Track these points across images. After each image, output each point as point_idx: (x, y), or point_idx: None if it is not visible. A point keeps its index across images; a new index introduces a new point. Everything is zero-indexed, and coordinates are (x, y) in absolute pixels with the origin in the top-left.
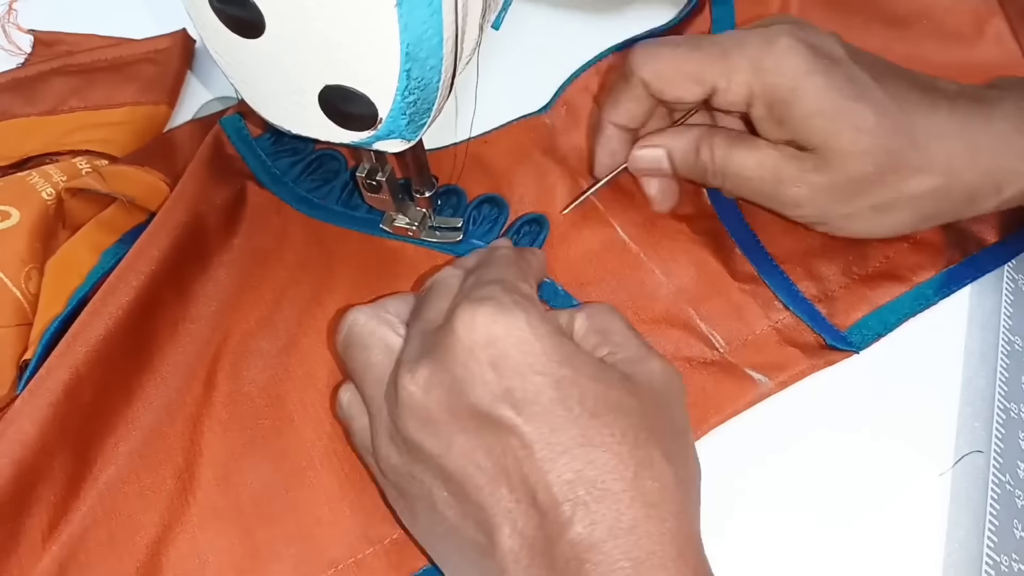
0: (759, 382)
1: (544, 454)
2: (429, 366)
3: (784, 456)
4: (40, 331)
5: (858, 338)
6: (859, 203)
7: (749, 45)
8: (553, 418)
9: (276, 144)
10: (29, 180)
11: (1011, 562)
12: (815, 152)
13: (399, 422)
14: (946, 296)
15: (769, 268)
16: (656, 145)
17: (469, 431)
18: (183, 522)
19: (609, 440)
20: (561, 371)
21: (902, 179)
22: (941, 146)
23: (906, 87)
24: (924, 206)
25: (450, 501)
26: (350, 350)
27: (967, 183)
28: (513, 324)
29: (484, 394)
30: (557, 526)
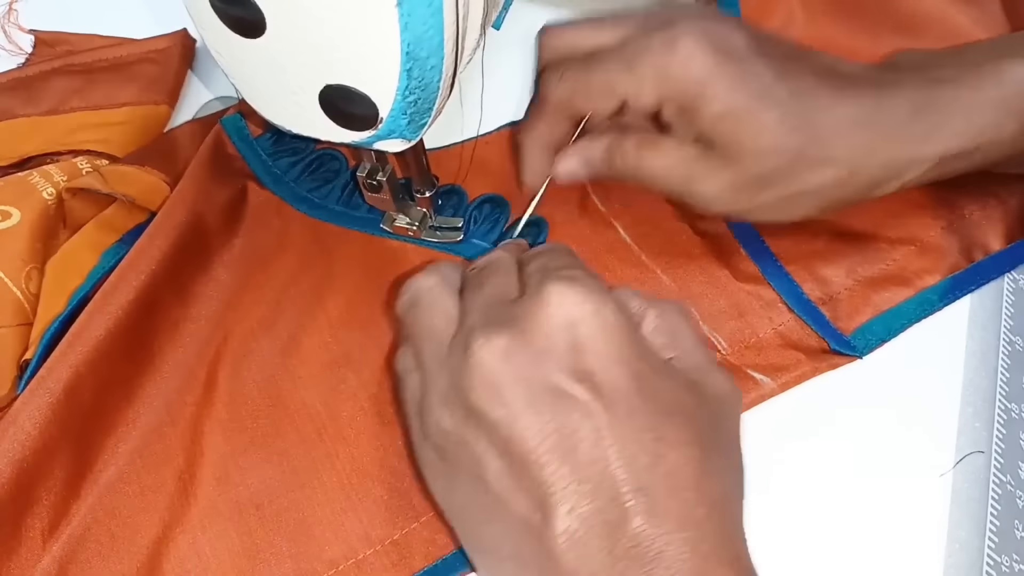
0: (761, 382)
1: (619, 440)
2: (508, 335)
3: (784, 456)
4: (40, 331)
5: (861, 343)
6: (766, 196)
7: (653, 52)
8: (631, 408)
9: (277, 144)
10: (30, 180)
11: (1012, 562)
12: (722, 150)
13: (463, 386)
14: (951, 302)
15: (774, 269)
16: (572, 157)
17: (542, 405)
18: (183, 522)
19: (681, 439)
20: (640, 364)
21: (805, 173)
22: (842, 140)
23: (809, 79)
24: (829, 195)
25: (504, 472)
26: (413, 310)
27: (869, 172)
28: (601, 309)
29: (564, 371)
30: (621, 512)
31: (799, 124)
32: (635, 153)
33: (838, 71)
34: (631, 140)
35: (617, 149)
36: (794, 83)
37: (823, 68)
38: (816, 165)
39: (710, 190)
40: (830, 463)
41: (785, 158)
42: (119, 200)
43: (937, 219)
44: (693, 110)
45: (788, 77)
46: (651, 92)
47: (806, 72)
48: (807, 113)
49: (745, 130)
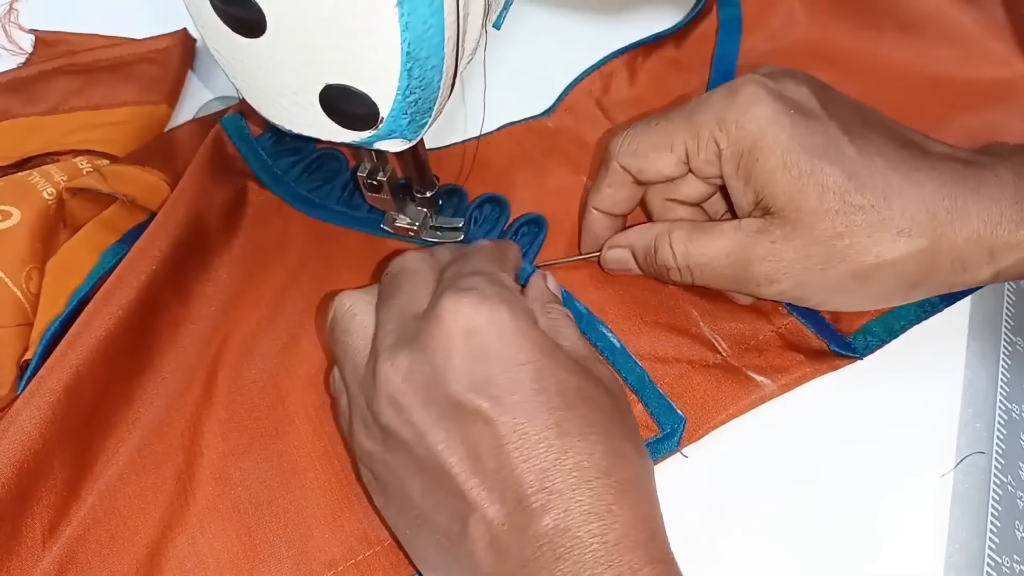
0: (762, 384)
1: (519, 443)
2: (409, 354)
3: (785, 456)
4: (41, 331)
5: (862, 344)
6: (835, 271)
7: (714, 101)
8: (531, 407)
9: (277, 144)
10: (30, 180)
11: (1012, 563)
12: (781, 216)
13: (375, 408)
14: (952, 303)
15: None
16: (620, 246)
17: (445, 420)
18: (183, 522)
19: (585, 430)
20: (541, 361)
21: (878, 241)
22: (920, 206)
23: (884, 143)
24: (909, 272)
25: (422, 489)
26: (333, 333)
27: (954, 248)
28: (495, 315)
29: (463, 384)
30: (530, 513)
31: (869, 185)
32: (685, 240)
33: (921, 145)
34: (683, 227)
35: (664, 238)
36: (865, 145)
37: (903, 137)
38: (891, 233)
39: (775, 266)
40: (830, 463)
41: (853, 222)
42: (119, 200)
43: None
44: (750, 162)
45: (859, 139)
46: (709, 140)
47: (882, 138)
48: (879, 174)
49: (806, 187)
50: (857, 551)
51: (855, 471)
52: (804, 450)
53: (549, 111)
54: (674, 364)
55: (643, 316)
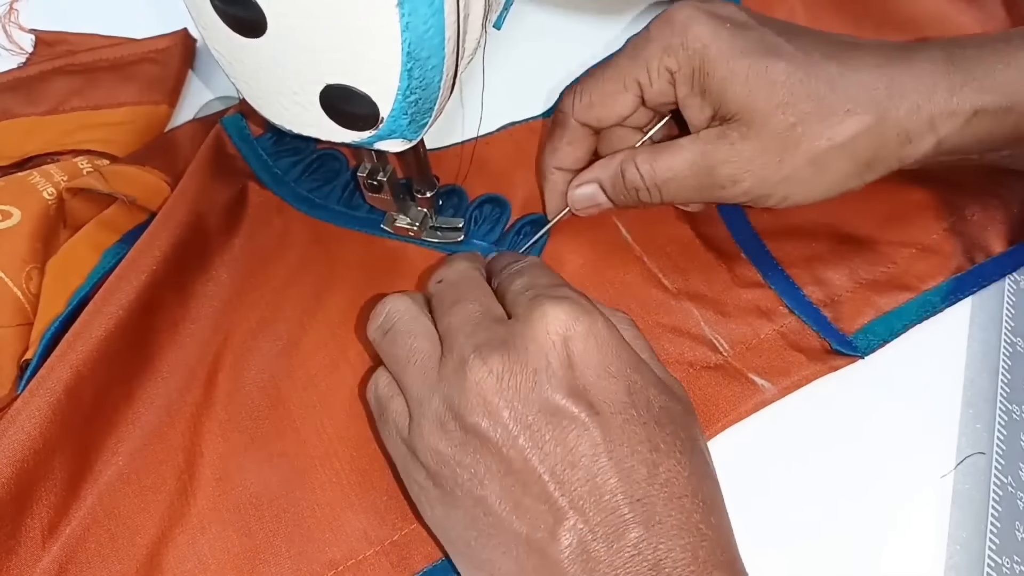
0: (762, 387)
1: (615, 454)
2: (503, 354)
3: (785, 457)
4: (41, 331)
5: (863, 343)
6: (792, 161)
7: (654, 33)
8: (625, 421)
9: (277, 144)
10: (30, 180)
11: (1013, 564)
12: (737, 119)
13: (460, 408)
14: (952, 304)
15: (775, 272)
16: (587, 181)
17: (539, 424)
18: (183, 523)
19: (674, 448)
20: (633, 376)
21: (829, 125)
22: (862, 88)
23: (817, 40)
24: (860, 151)
25: (504, 493)
26: (391, 335)
27: (897, 120)
28: (593, 325)
29: (560, 389)
30: (623, 524)
31: (812, 74)
32: (649, 160)
33: (852, 40)
34: (644, 151)
35: (629, 162)
36: (800, 41)
37: (835, 37)
38: (838, 114)
39: (737, 167)
40: (831, 464)
41: (803, 109)
42: (119, 200)
43: (939, 221)
44: (702, 77)
45: (794, 39)
46: (660, 70)
47: (815, 37)
48: (819, 65)
49: (757, 87)
50: (857, 551)
51: (855, 472)
52: (804, 451)
53: (549, 111)
54: (675, 366)
55: (645, 317)
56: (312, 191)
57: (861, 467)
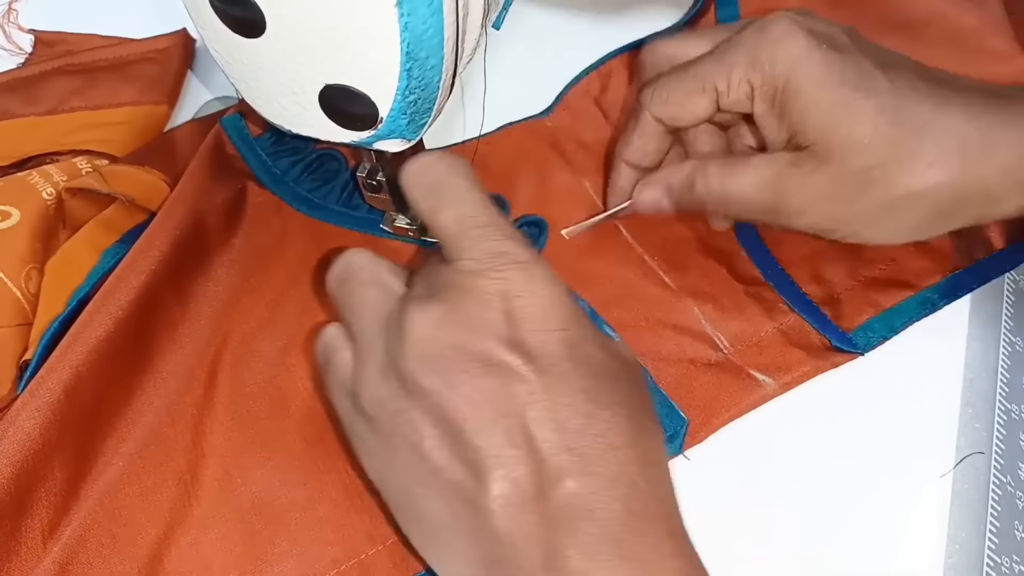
0: (763, 383)
1: (549, 404)
2: (442, 304)
3: (785, 456)
4: (40, 331)
5: (863, 341)
6: (865, 203)
7: (744, 39)
8: (561, 372)
9: (277, 144)
10: (29, 180)
11: (1012, 563)
12: (813, 150)
13: (399, 356)
14: (952, 301)
15: (774, 271)
16: (655, 185)
17: (474, 373)
18: (185, 523)
19: (612, 401)
20: (573, 332)
21: (908, 173)
22: (952, 138)
23: (915, 76)
24: (938, 204)
25: (439, 441)
26: (347, 284)
27: (983, 180)
28: (532, 278)
29: (497, 339)
30: (555, 473)
31: (902, 117)
32: (720, 175)
33: (950, 79)
34: (715, 162)
35: (700, 172)
36: (897, 76)
37: (933, 74)
38: (921, 165)
39: (806, 198)
40: (830, 463)
41: (885, 154)
42: (119, 200)
43: None
44: (783, 99)
45: (891, 73)
46: (741, 80)
47: (914, 73)
48: (911, 107)
49: (839, 120)
50: (857, 551)
51: (855, 471)
52: (804, 450)
53: (548, 111)
54: (676, 364)
55: (646, 314)
56: (311, 191)
57: (860, 467)
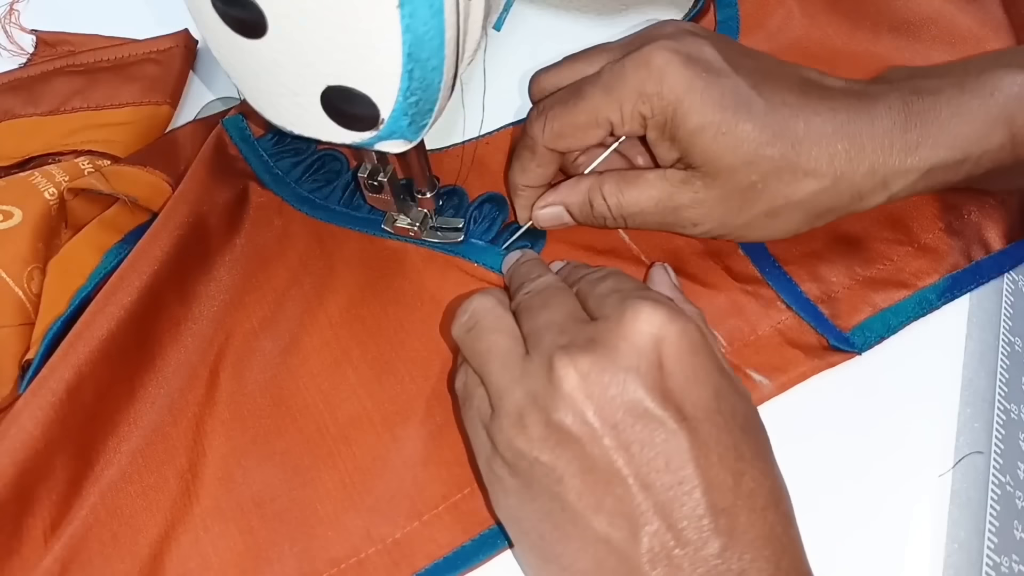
0: (760, 384)
1: (702, 460)
2: (591, 354)
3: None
4: (42, 331)
5: (860, 340)
6: (751, 212)
7: (629, 73)
8: (712, 426)
9: (278, 145)
10: (31, 180)
11: (1011, 563)
12: (702, 169)
13: (546, 404)
14: (950, 301)
15: (772, 268)
16: (553, 204)
17: (626, 424)
18: (186, 522)
19: (757, 457)
20: (721, 382)
21: (787, 184)
22: (823, 149)
23: (786, 91)
24: (813, 207)
25: (586, 491)
26: (476, 331)
27: (852, 182)
28: (687, 329)
29: (649, 392)
30: (706, 533)
31: (778, 135)
32: (616, 193)
33: (819, 84)
34: (611, 180)
35: (596, 191)
36: (771, 95)
37: (802, 81)
38: (798, 176)
39: (699, 212)
40: (830, 463)
41: (765, 169)
42: (121, 200)
43: (936, 220)
44: (672, 127)
45: (765, 89)
46: (632, 114)
47: (784, 85)
48: (786, 123)
49: (723, 143)
50: (856, 550)
51: (854, 471)
52: (803, 450)
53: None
54: None
55: None
56: (313, 191)
57: (860, 466)
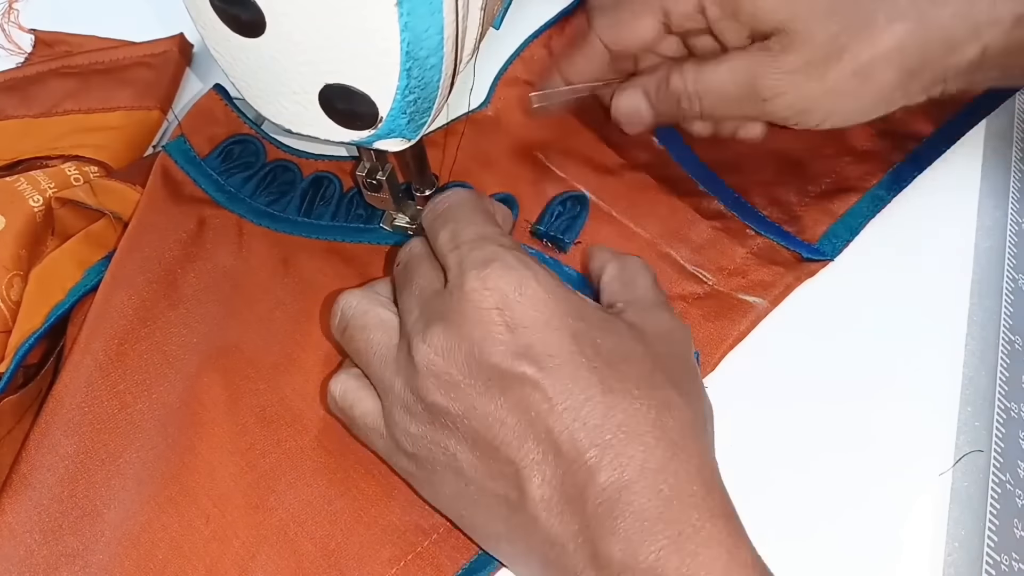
0: (754, 304)
1: (567, 404)
2: (443, 330)
3: (784, 456)
4: (17, 342)
5: (829, 247)
6: (838, 72)
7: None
8: (573, 369)
9: (226, 161)
10: (16, 186)
11: (1011, 561)
12: (779, 34)
13: (419, 390)
14: (897, 194)
15: (734, 200)
16: (632, 87)
17: (491, 390)
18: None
19: (628, 386)
20: (576, 324)
21: (872, 32)
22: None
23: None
24: (905, 59)
25: (476, 462)
26: (348, 332)
27: (941, 26)
28: (524, 281)
29: (503, 352)
30: (586, 471)
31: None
32: (694, 69)
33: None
34: (690, 61)
35: (676, 70)
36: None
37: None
38: (883, 22)
39: (782, 81)
40: (830, 461)
41: (846, 19)
42: (107, 216)
43: (866, 128)
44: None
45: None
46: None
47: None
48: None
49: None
50: (856, 549)
51: (854, 469)
52: (803, 449)
53: (484, 104)
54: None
55: None
56: (270, 204)
57: (860, 464)
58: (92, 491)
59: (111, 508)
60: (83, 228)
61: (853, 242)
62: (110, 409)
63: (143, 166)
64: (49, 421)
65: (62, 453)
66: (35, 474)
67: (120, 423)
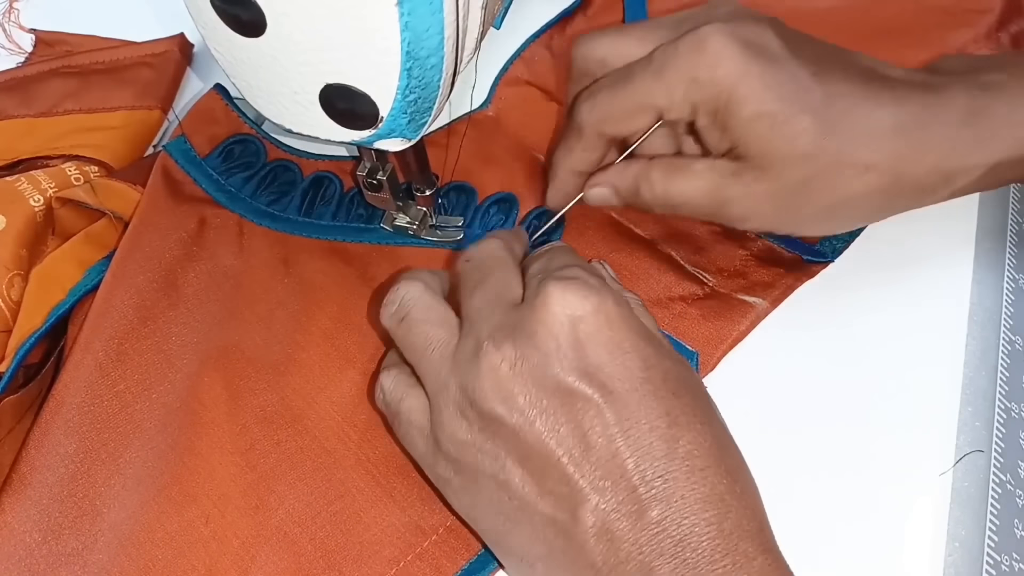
0: (754, 304)
1: (631, 431)
2: (515, 340)
3: (784, 456)
4: (18, 342)
5: (829, 249)
6: (805, 209)
7: (681, 56)
8: (640, 396)
9: (227, 161)
10: (17, 186)
11: (1012, 561)
12: (754, 161)
13: (476, 395)
14: None
15: None
16: (603, 184)
17: (555, 407)
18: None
19: (693, 419)
20: (647, 350)
21: (846, 180)
22: (884, 145)
23: (848, 80)
24: (873, 203)
25: (527, 477)
26: (407, 323)
27: (915, 179)
28: (602, 303)
29: (572, 371)
30: (644, 501)
31: (836, 128)
32: (663, 181)
33: (881, 73)
34: (659, 167)
35: (644, 178)
36: (831, 86)
37: (863, 70)
38: (858, 171)
39: (748, 207)
40: (830, 461)
41: (822, 164)
42: (108, 216)
43: None
44: (725, 115)
45: (824, 79)
46: (683, 101)
47: (844, 74)
48: (845, 117)
49: (779, 135)
50: (856, 549)
51: (855, 469)
52: (804, 449)
53: (484, 104)
54: (669, 304)
55: (628, 266)
56: (270, 204)
57: (860, 464)
58: (92, 491)
59: (111, 508)
60: (84, 228)
61: (853, 243)
62: (110, 409)
63: (144, 166)
64: (49, 421)
65: (62, 453)
66: (35, 474)
67: (120, 423)
